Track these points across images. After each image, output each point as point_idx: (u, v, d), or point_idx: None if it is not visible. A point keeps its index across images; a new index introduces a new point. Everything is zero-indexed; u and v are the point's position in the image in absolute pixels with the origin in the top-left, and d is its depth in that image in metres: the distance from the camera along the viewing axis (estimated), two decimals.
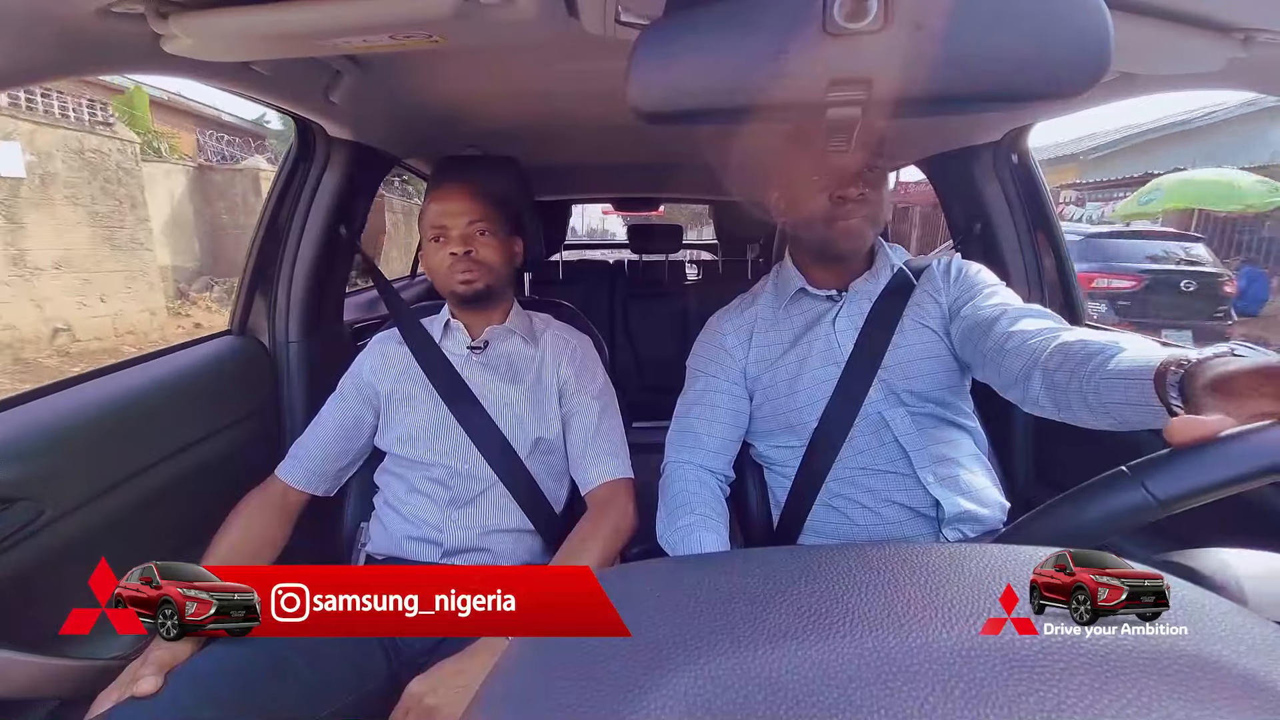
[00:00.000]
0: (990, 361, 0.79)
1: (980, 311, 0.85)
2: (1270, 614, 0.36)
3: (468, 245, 0.98)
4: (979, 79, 0.47)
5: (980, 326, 0.83)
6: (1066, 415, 0.68)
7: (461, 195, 1.00)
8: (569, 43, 0.75)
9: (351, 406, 1.02)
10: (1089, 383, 0.62)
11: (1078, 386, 0.63)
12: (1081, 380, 0.63)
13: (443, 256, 0.98)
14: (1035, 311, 0.81)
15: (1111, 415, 0.60)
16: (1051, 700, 0.22)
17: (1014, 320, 0.79)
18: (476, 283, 0.98)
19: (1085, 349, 0.64)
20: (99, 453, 0.82)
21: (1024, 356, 0.73)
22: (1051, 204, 1.31)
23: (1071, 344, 0.67)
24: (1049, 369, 0.68)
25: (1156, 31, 0.68)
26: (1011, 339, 0.76)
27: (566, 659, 0.27)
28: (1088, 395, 0.62)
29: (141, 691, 0.63)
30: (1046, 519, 0.45)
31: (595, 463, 0.99)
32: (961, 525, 0.88)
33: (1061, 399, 0.67)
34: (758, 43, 0.46)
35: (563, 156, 1.83)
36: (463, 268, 0.97)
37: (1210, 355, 0.50)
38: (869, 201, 0.87)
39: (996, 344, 0.78)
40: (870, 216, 0.88)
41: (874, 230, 0.91)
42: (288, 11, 0.62)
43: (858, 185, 0.85)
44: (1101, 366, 0.60)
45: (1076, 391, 0.64)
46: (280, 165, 1.21)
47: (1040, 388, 0.70)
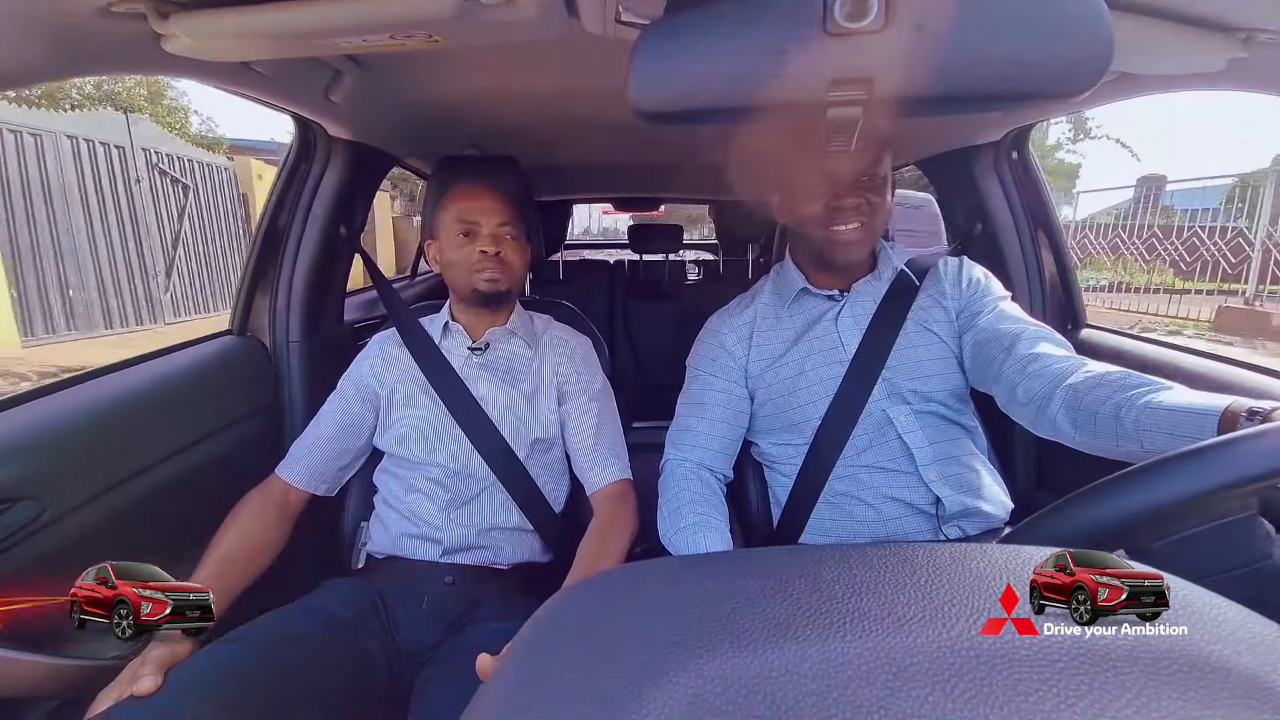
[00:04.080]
0: (1005, 379, 0.81)
1: (1000, 326, 0.86)
2: None
3: (498, 245, 0.99)
4: (980, 79, 0.47)
5: (999, 343, 0.84)
6: (1085, 436, 0.69)
7: (493, 194, 1.00)
8: (569, 43, 0.74)
9: (351, 406, 1.02)
10: (1127, 410, 0.63)
11: (1112, 410, 0.65)
12: (1118, 404, 0.64)
13: (469, 252, 0.98)
14: (1052, 335, 0.84)
15: (1141, 443, 0.62)
16: (1051, 700, 0.22)
17: (1035, 342, 0.81)
18: (501, 283, 0.99)
19: (1126, 380, 0.67)
20: (99, 453, 0.82)
21: (1046, 379, 0.75)
22: (1052, 204, 1.31)
23: (1110, 374, 0.70)
24: (1077, 391, 0.70)
25: (1156, 31, 0.68)
26: (1036, 361, 0.78)
27: (569, 659, 0.27)
28: (1123, 420, 0.63)
29: (141, 691, 0.63)
30: (1068, 513, 0.45)
31: (600, 463, 0.99)
32: (962, 522, 0.88)
33: (1086, 420, 0.68)
34: (758, 43, 0.46)
35: (563, 156, 1.83)
36: (492, 266, 0.98)
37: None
38: (866, 210, 0.86)
39: (1018, 364, 0.79)
40: (868, 225, 0.87)
41: (872, 239, 0.91)
42: (288, 11, 0.62)
43: (855, 194, 0.85)
44: (1149, 396, 0.63)
45: (1110, 416, 0.65)
46: (280, 165, 1.21)
47: (1060, 409, 0.72)
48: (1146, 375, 0.67)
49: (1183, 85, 0.86)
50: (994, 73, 0.46)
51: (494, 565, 0.96)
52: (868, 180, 0.85)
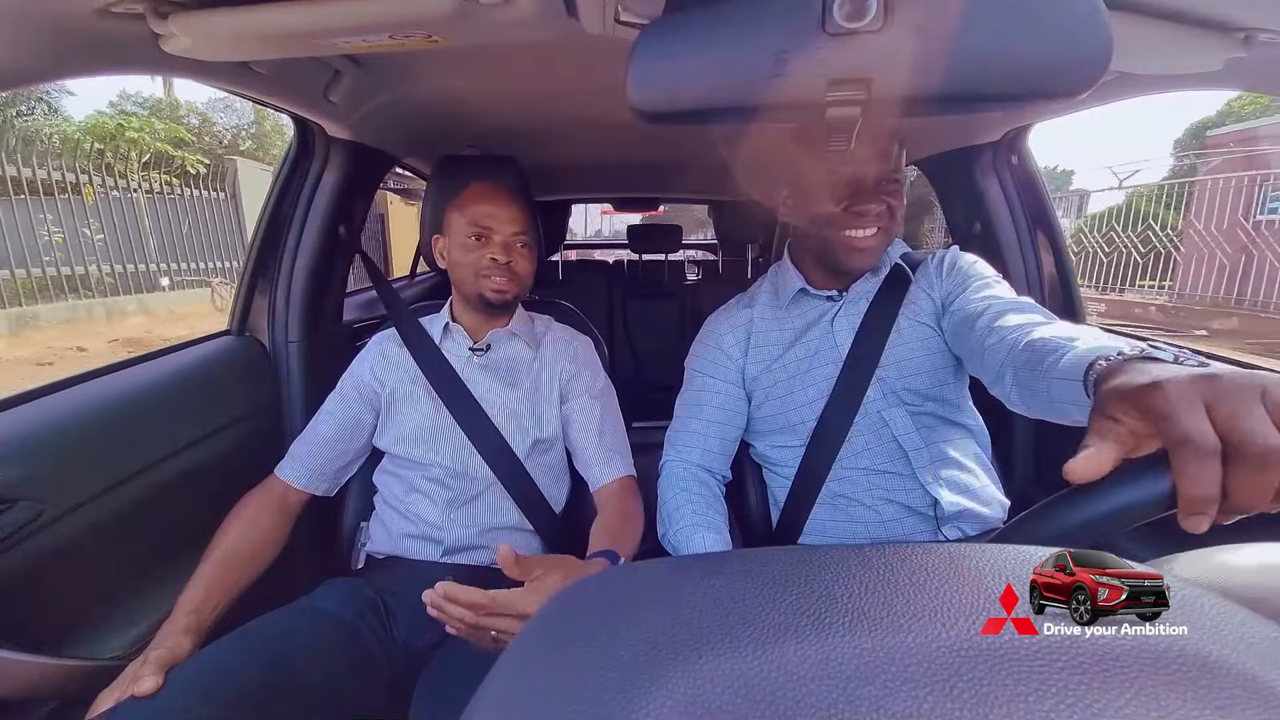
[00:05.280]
0: (975, 357, 0.77)
1: (969, 306, 0.83)
2: None
3: (509, 255, 0.98)
4: (979, 79, 0.47)
5: (967, 321, 0.81)
6: (1038, 414, 0.63)
7: (509, 200, 0.99)
8: (569, 43, 0.74)
9: (351, 406, 1.02)
10: (1042, 381, 0.58)
11: (1041, 385, 0.59)
12: (1036, 378, 0.59)
13: (479, 257, 0.98)
14: (1021, 305, 0.77)
15: (1067, 416, 0.56)
16: (1051, 700, 0.22)
17: (996, 316, 0.76)
18: (508, 294, 0.99)
19: (1046, 345, 0.60)
20: (99, 453, 0.82)
21: (1000, 353, 0.70)
22: (1051, 204, 1.32)
23: (1037, 340, 0.62)
24: (1018, 366, 0.65)
25: (1156, 31, 0.68)
26: (993, 334, 0.73)
27: (569, 658, 0.27)
28: (1040, 394, 0.58)
29: (141, 691, 0.63)
30: (1058, 511, 0.45)
31: (604, 460, 0.99)
32: (960, 523, 0.88)
33: (1030, 398, 0.63)
34: (758, 42, 0.46)
35: (563, 156, 1.83)
36: (501, 275, 0.98)
37: (1131, 355, 0.44)
38: (886, 216, 0.84)
39: (979, 340, 0.76)
40: (886, 230, 0.86)
41: (887, 245, 0.89)
42: (287, 11, 0.62)
43: (877, 198, 0.82)
44: (1055, 364, 0.56)
45: (1043, 391, 0.58)
46: (280, 165, 1.21)
47: (1011, 385, 0.67)
48: (1064, 333, 0.60)
49: (1182, 85, 0.86)
50: (993, 73, 0.46)
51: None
52: (889, 184, 0.83)
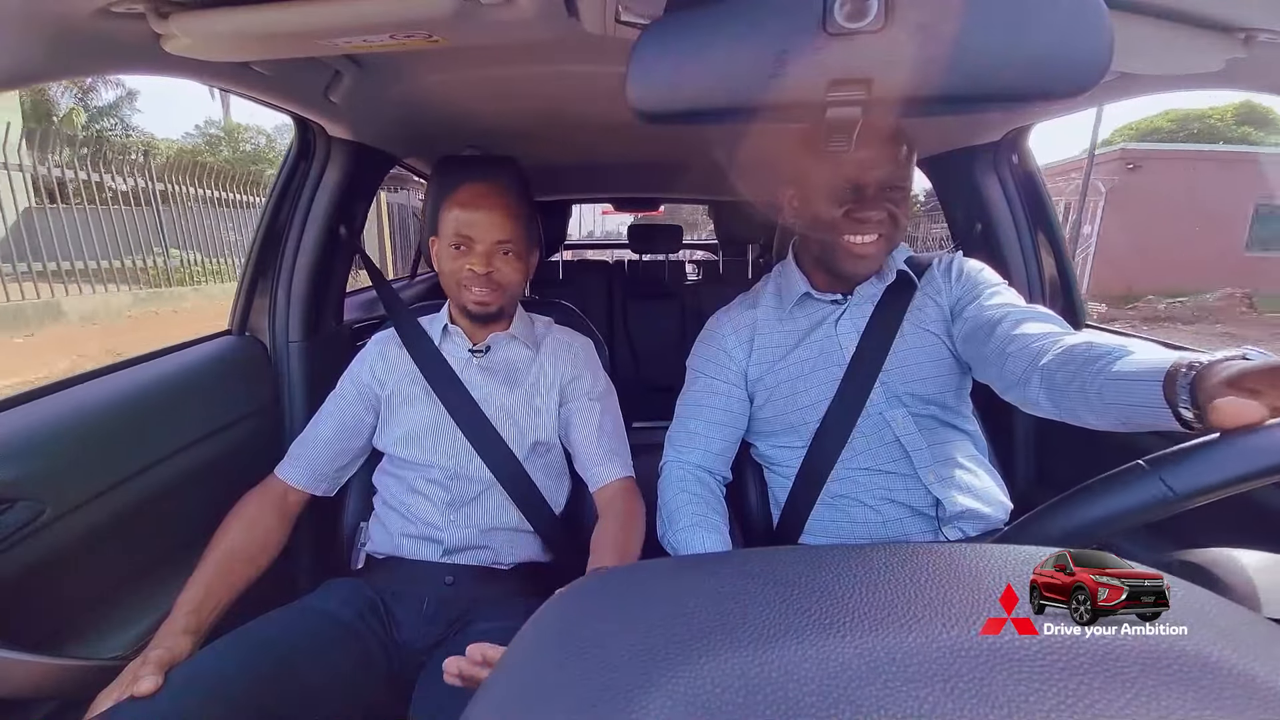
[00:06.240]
0: (992, 363, 0.79)
1: (984, 313, 0.84)
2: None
3: (489, 265, 0.94)
4: (979, 79, 0.47)
5: (984, 328, 0.82)
6: (1067, 415, 0.68)
7: (492, 207, 0.95)
8: (569, 43, 0.74)
9: (351, 407, 1.02)
10: (1091, 383, 0.62)
11: (1079, 386, 0.63)
12: (1084, 381, 0.63)
13: (459, 267, 0.95)
14: (1039, 315, 0.80)
15: (1113, 415, 0.60)
16: (1051, 700, 0.22)
17: (1017, 323, 0.78)
18: (490, 305, 0.97)
19: (1090, 351, 0.65)
20: (99, 453, 0.82)
21: (1025, 359, 0.73)
22: (1052, 204, 1.31)
23: (1075, 346, 0.67)
24: (1049, 370, 0.68)
25: (1156, 31, 0.68)
26: (1014, 341, 0.76)
27: (570, 658, 0.27)
28: (1090, 395, 0.62)
29: (141, 691, 0.63)
30: (1060, 511, 0.45)
31: (604, 461, 0.99)
32: (962, 523, 0.88)
33: (1061, 399, 0.67)
34: (758, 43, 0.46)
35: (563, 156, 1.83)
36: (481, 287, 0.95)
37: (1222, 358, 0.51)
38: (888, 223, 0.83)
39: (998, 346, 0.78)
40: (887, 238, 0.85)
41: (888, 252, 0.89)
42: (288, 11, 0.62)
43: (879, 204, 0.82)
44: (1107, 368, 0.61)
45: (1078, 392, 0.64)
46: (280, 165, 1.21)
47: (1039, 388, 0.70)
48: (1107, 341, 0.65)
49: (1182, 85, 0.86)
50: (994, 73, 0.46)
51: (494, 566, 0.96)
52: (893, 191, 0.83)
